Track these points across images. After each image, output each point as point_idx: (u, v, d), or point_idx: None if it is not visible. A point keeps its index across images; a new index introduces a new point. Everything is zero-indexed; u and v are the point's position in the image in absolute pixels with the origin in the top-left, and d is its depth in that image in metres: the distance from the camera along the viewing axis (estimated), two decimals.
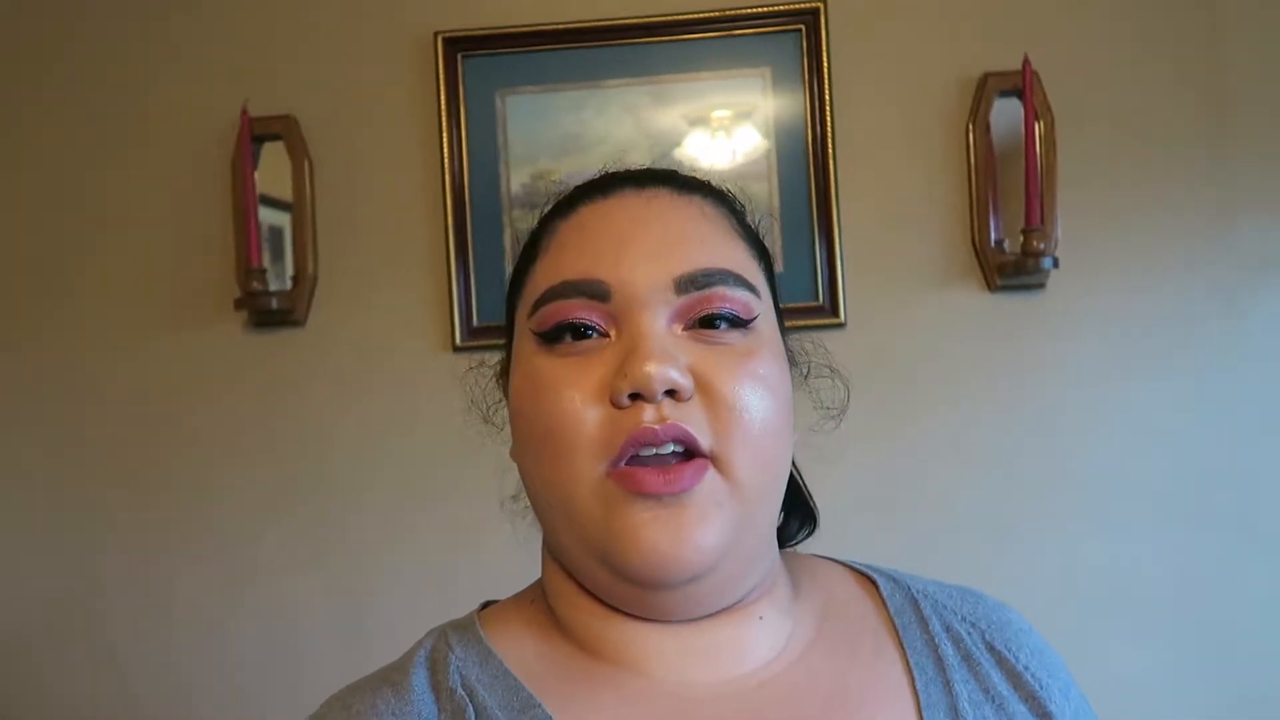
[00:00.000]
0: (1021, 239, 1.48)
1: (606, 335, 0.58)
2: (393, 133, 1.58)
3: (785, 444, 0.60)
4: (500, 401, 0.69)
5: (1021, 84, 1.48)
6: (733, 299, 0.58)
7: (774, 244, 1.51)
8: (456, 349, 1.55)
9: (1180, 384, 1.51)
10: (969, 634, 0.64)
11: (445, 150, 1.56)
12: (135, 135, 1.60)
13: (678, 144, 1.56)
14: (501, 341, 0.67)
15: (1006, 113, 1.53)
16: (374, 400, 1.56)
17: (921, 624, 0.64)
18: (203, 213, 1.58)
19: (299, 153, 1.58)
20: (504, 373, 0.68)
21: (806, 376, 0.70)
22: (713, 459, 0.56)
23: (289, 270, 1.59)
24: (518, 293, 0.64)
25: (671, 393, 0.55)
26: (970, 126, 1.54)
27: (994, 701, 0.60)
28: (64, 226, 1.60)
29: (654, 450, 0.55)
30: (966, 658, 0.62)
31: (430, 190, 1.57)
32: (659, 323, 0.57)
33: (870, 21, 1.55)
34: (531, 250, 0.64)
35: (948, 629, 0.64)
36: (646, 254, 0.58)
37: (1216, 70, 1.53)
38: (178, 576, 1.56)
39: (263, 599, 1.55)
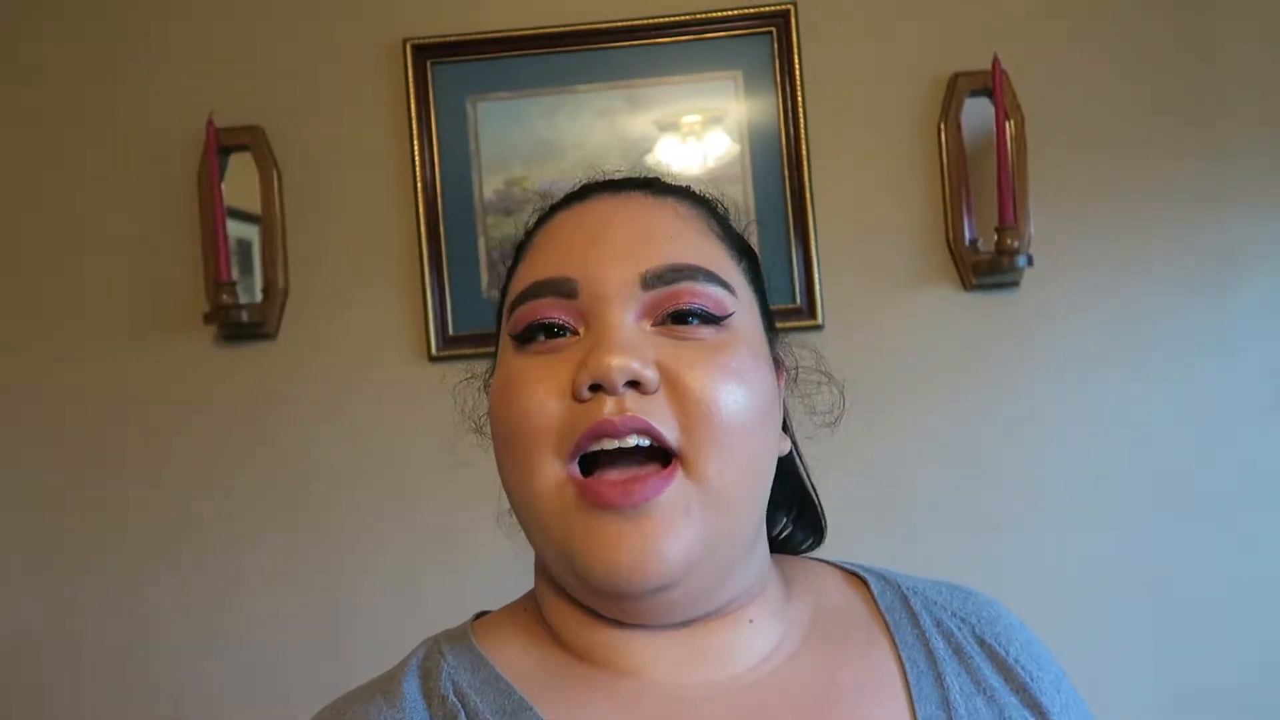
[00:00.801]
0: (995, 237, 1.49)
1: (576, 333, 0.57)
2: (363, 142, 1.56)
3: (762, 444, 0.58)
4: (489, 411, 0.68)
5: (991, 83, 1.49)
6: (703, 294, 0.57)
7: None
8: (433, 358, 1.53)
9: (1152, 379, 1.53)
10: (959, 628, 0.64)
11: (416, 158, 1.54)
12: (99, 146, 1.57)
13: (650, 149, 1.56)
14: (487, 350, 0.67)
15: (976, 112, 1.54)
16: (350, 412, 1.54)
17: (912, 620, 0.64)
18: (169, 225, 1.56)
19: (267, 163, 1.56)
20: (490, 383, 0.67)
21: (795, 380, 0.68)
22: (680, 458, 0.54)
23: (259, 283, 1.56)
24: (503, 302, 0.64)
25: (636, 385, 0.54)
26: (942, 126, 1.54)
27: (985, 693, 0.61)
28: (26, 239, 1.57)
29: (616, 443, 0.54)
30: (957, 651, 0.63)
31: (402, 198, 1.55)
32: (626, 317, 0.56)
33: (840, 23, 1.55)
34: (514, 260, 0.65)
35: (938, 624, 0.64)
36: (614, 251, 0.58)
37: (1185, 68, 1.55)
38: (150, 596, 1.53)
39: (240, 617, 1.52)
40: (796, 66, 1.53)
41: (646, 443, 0.54)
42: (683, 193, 0.65)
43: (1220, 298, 1.53)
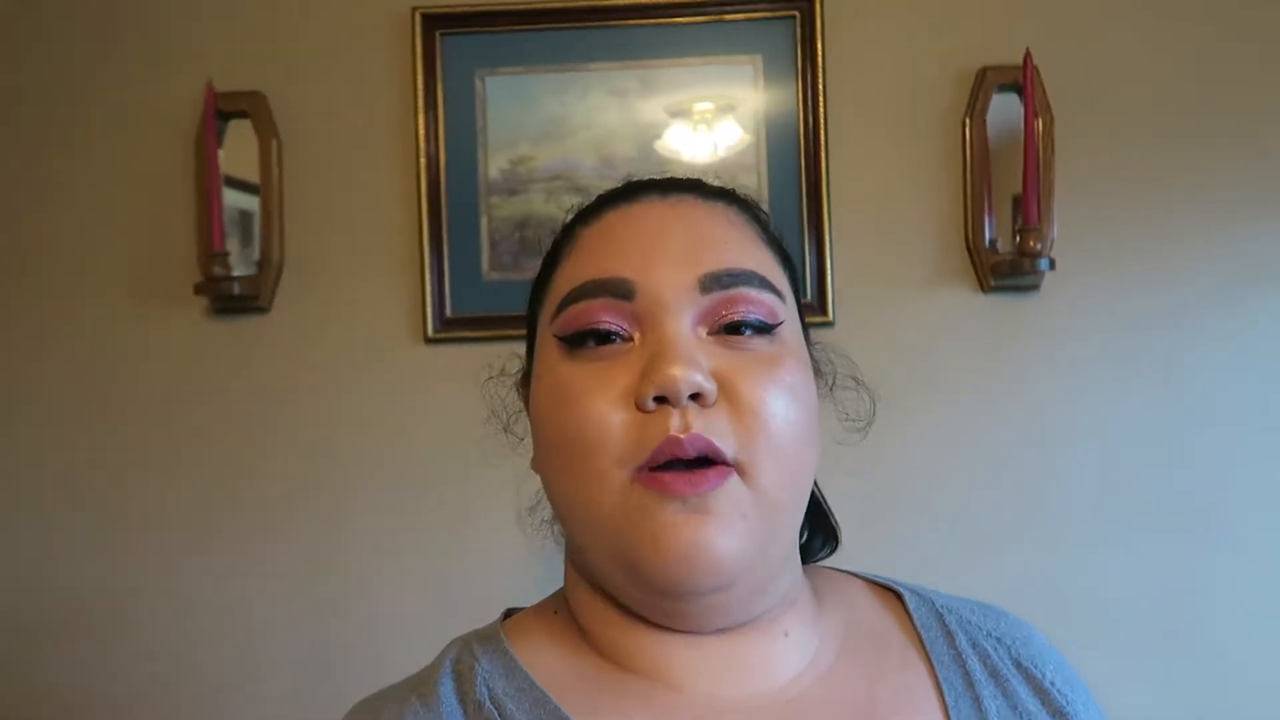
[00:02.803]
0: (1017, 239, 1.43)
1: (630, 339, 0.57)
2: (366, 113, 1.51)
3: (811, 454, 0.59)
4: (521, 411, 0.69)
5: (1022, 79, 1.43)
6: (758, 301, 0.58)
7: None
8: (429, 340, 1.48)
9: (1177, 388, 1.47)
10: (995, 650, 0.64)
11: (421, 132, 1.49)
12: (93, 110, 1.52)
13: (660, 134, 1.50)
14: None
15: (1003, 109, 1.48)
16: (342, 390, 1.49)
17: (948, 639, 0.63)
18: (163, 193, 1.51)
19: (267, 132, 1.50)
20: (525, 382, 0.67)
21: (832, 388, 0.68)
22: (737, 467, 0.55)
23: (255, 255, 1.51)
24: (539, 300, 0.64)
25: (696, 396, 0.54)
26: (967, 122, 1.48)
27: (1022, 717, 0.60)
28: (16, 205, 1.52)
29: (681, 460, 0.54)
30: (994, 674, 0.62)
31: (405, 173, 1.50)
32: (684, 325, 0.56)
33: (866, 11, 1.50)
34: (553, 257, 0.64)
35: (974, 645, 0.64)
36: (672, 255, 0.58)
37: (1219, 72, 1.49)
38: (128, 572, 1.49)
39: (218, 594, 1.48)
40: (819, 54, 1.48)
41: (708, 458, 0.55)
42: (730, 196, 0.64)
43: (1249, 307, 1.48)
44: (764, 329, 0.58)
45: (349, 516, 1.49)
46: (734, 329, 0.57)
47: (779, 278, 0.61)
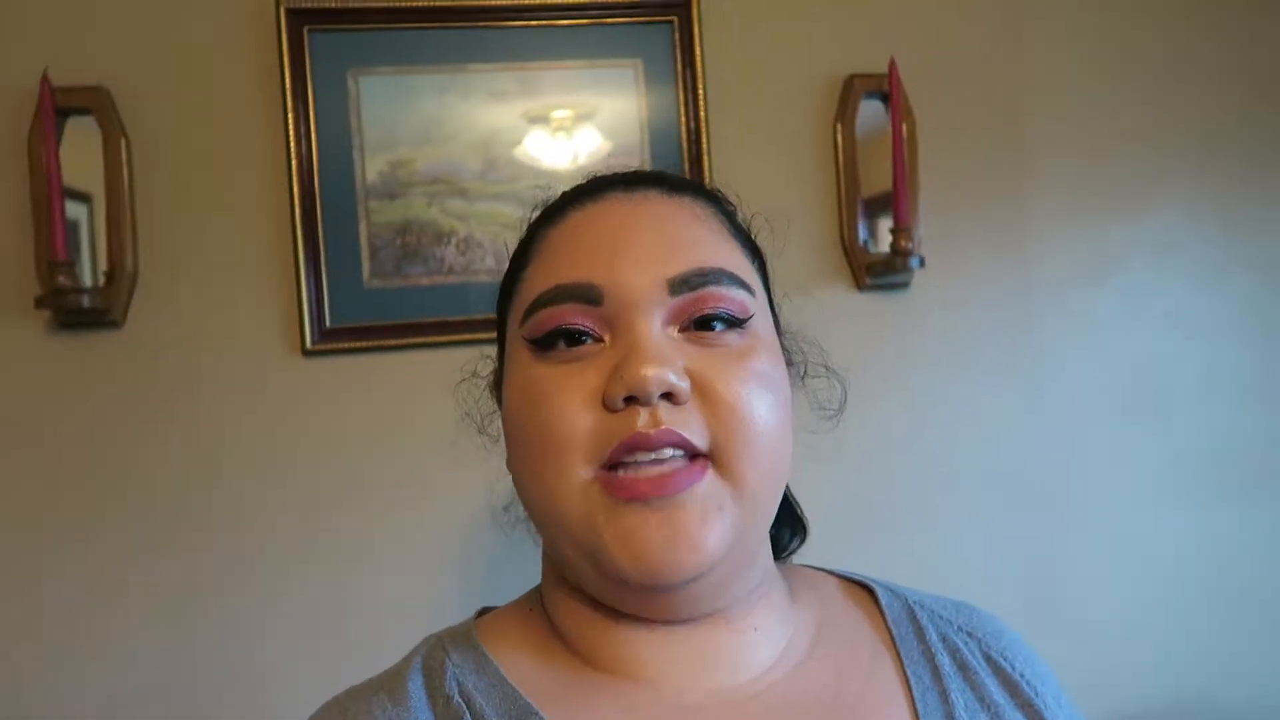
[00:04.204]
0: (890, 239, 1.51)
1: (601, 340, 0.57)
2: (228, 112, 1.41)
3: (786, 444, 0.59)
4: (494, 412, 0.68)
5: (888, 86, 1.51)
6: (727, 298, 0.58)
7: None
8: (307, 352, 1.40)
9: (1034, 374, 1.59)
10: (966, 644, 0.65)
11: (291, 133, 1.40)
12: None
13: (545, 133, 1.48)
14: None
15: (870, 114, 1.56)
16: (209, 410, 1.38)
17: (918, 634, 0.64)
18: None
19: (113, 130, 1.38)
20: (497, 384, 0.66)
21: (804, 376, 0.69)
22: (713, 460, 0.55)
23: (96, 265, 1.38)
24: (508, 302, 0.63)
25: (669, 396, 0.54)
26: (838, 127, 1.55)
27: (990, 710, 0.61)
28: None
29: (651, 456, 0.54)
30: (963, 667, 0.63)
31: (275, 177, 1.41)
32: (654, 325, 0.56)
33: (740, 19, 1.54)
34: (520, 259, 0.64)
35: (944, 639, 0.65)
36: (639, 257, 0.57)
37: (1067, 69, 1.62)
38: None
39: (80, 632, 1.33)
40: (698, 59, 1.50)
41: (680, 454, 0.54)
42: (695, 189, 0.64)
43: (1096, 295, 1.61)
44: (734, 323, 0.58)
45: (227, 542, 1.37)
46: (704, 324, 0.57)
47: (747, 271, 0.61)
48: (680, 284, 0.57)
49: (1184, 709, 1.59)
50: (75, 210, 1.38)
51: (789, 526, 0.74)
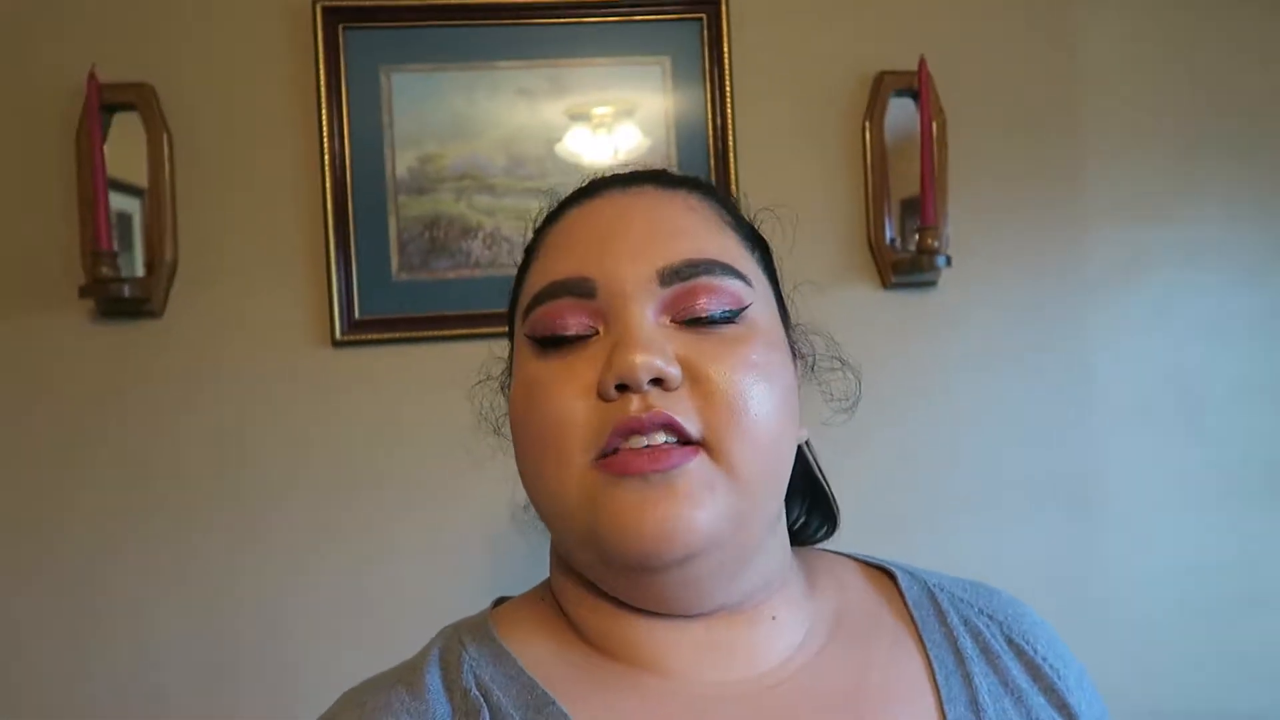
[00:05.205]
0: (917, 237, 1.50)
1: (596, 332, 0.57)
2: (266, 108, 1.45)
3: (784, 433, 0.58)
4: (508, 413, 0.68)
5: (917, 84, 1.50)
6: (720, 289, 0.58)
7: None
8: (336, 343, 1.44)
9: (1061, 374, 1.57)
10: (987, 627, 0.65)
11: (325, 129, 1.44)
12: None
13: (569, 132, 1.50)
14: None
15: (899, 112, 1.55)
16: (241, 398, 1.43)
17: (940, 617, 0.64)
18: (41, 189, 1.41)
19: (156, 126, 1.43)
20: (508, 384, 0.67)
21: (813, 368, 0.68)
22: (705, 446, 0.55)
23: (138, 256, 1.43)
24: (515, 303, 0.64)
25: (660, 382, 0.55)
26: (866, 125, 1.54)
27: (1013, 694, 0.61)
28: None
29: (645, 441, 0.54)
30: (985, 651, 0.63)
31: (308, 172, 1.45)
32: (644, 313, 0.56)
33: (770, 16, 1.54)
34: (525, 261, 0.65)
35: (966, 622, 0.64)
36: (630, 248, 0.58)
37: (1097, 74, 1.59)
38: (16, 597, 1.38)
39: (114, 618, 1.39)
40: (726, 56, 1.51)
41: (674, 439, 0.55)
42: (692, 183, 0.64)
43: (1120, 297, 1.58)
44: (729, 312, 0.58)
45: (257, 530, 1.42)
46: (697, 314, 0.57)
47: (744, 261, 0.61)
48: (671, 275, 0.57)
49: (1224, 711, 1.56)
50: (128, 203, 1.44)
51: (819, 515, 0.73)
